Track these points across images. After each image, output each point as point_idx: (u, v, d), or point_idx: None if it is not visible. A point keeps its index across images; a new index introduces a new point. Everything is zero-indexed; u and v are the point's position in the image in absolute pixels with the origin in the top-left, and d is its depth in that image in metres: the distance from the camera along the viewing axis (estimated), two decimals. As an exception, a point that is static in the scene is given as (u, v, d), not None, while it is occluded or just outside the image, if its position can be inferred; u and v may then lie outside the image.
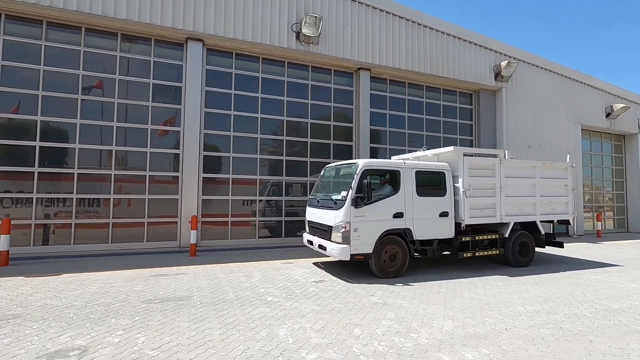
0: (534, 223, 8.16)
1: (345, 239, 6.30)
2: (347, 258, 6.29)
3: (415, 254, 6.90)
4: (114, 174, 9.15)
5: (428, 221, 7.01)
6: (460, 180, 7.28)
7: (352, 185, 6.40)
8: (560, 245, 8.50)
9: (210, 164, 10.16)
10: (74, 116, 8.87)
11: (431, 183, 7.32)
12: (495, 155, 8.04)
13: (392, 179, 6.94)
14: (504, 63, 13.41)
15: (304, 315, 4.45)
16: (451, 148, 7.53)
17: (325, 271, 7.06)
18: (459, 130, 13.93)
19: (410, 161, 7.56)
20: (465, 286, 6.10)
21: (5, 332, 3.82)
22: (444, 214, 7.15)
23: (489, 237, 7.72)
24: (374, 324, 4.18)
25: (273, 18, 10.28)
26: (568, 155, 9.13)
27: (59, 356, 3.29)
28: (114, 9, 8.72)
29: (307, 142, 11.38)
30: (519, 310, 4.80)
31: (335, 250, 6.38)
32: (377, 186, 7.03)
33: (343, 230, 6.33)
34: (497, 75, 13.69)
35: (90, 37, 9.13)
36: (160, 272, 6.74)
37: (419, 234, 6.88)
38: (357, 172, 6.55)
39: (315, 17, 9.98)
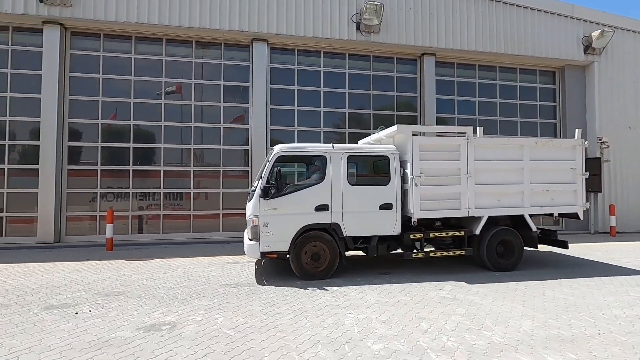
0: (521, 217, 6.54)
1: (255, 235, 5.67)
2: (257, 256, 5.74)
3: (357, 252, 6.12)
4: (193, 170, 10.08)
5: (364, 215, 6.01)
6: (409, 165, 6.12)
7: (263, 175, 5.78)
8: (563, 245, 6.76)
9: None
10: (159, 119, 9.94)
11: (371, 170, 6.66)
12: (463, 133, 6.43)
13: (318, 166, 6.08)
14: (596, 33, 11.69)
15: (369, 306, 4.48)
16: (395, 127, 6.44)
17: (393, 264, 6.97)
18: (540, 113, 12.55)
19: (340, 144, 6.40)
20: (548, 285, 5.55)
21: (112, 306, 4.49)
22: (386, 206, 6.05)
23: (451, 234, 6.37)
24: (442, 319, 4.04)
25: (333, 11, 10.30)
26: (577, 130, 7.06)
27: (153, 329, 3.77)
28: (189, 19, 9.51)
29: (370, 133, 11.23)
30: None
31: (245, 248, 5.81)
32: (309, 174, 6.38)
33: (252, 225, 5.71)
34: (587, 47, 11.99)
35: (170, 47, 10.10)
36: (234, 260, 7.29)
37: (350, 230, 5.93)
38: (269, 159, 5.92)
39: (376, 4, 9.75)
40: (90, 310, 4.33)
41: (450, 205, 6.28)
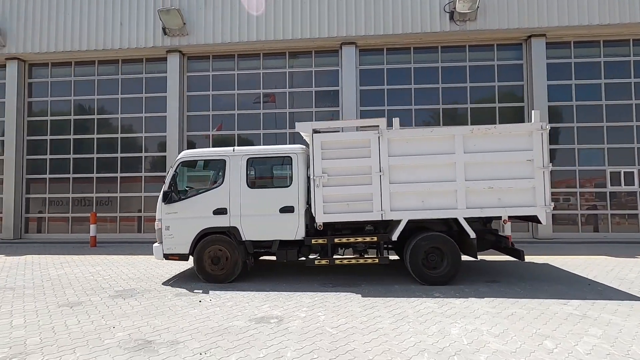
0: (456, 221, 5.49)
1: (159, 237, 5.85)
2: (161, 258, 5.84)
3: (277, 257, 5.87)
4: (289, 174, 10.71)
5: (263, 218, 5.77)
6: (311, 165, 5.62)
7: (165, 180, 5.88)
8: (518, 255, 5.65)
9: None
10: (258, 127, 10.82)
11: (273, 171, 6.35)
12: (375, 126, 5.61)
13: (219, 170, 6.02)
14: None
15: (477, 316, 4.12)
16: (301, 124, 5.94)
17: (500, 272, 6.33)
18: (697, 91, 10.01)
19: (242, 147, 6.20)
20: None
21: (227, 297, 5.02)
22: (286, 209, 5.73)
23: (360, 240, 5.70)
24: (572, 339, 3.49)
25: (423, 4, 9.87)
26: (534, 112, 5.66)
27: (263, 321, 4.09)
28: (283, 32, 10.18)
29: (467, 129, 10.42)
30: None
31: (154, 250, 5.92)
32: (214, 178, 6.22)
33: (157, 228, 5.87)
34: None
35: (266, 60, 10.94)
36: (329, 260, 7.48)
37: (249, 234, 5.76)
38: (172, 165, 6.03)
39: (472, -10, 9.02)
40: (210, 300, 4.91)
41: (362, 208, 5.60)
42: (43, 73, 11.60)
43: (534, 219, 5.60)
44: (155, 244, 6.03)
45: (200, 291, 5.34)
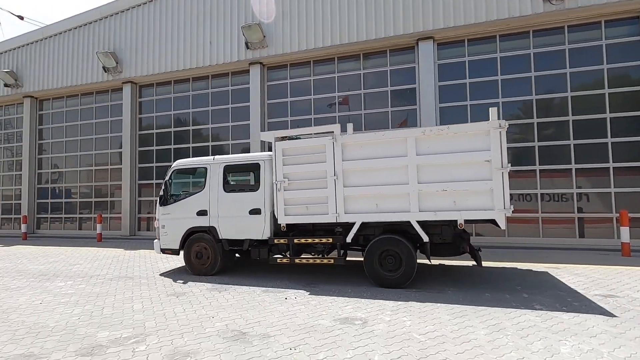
0: (409, 224, 5.46)
1: (157, 235, 6.97)
2: (159, 252, 6.95)
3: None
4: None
5: (235, 219, 6.43)
6: (274, 170, 6.13)
7: (163, 185, 6.88)
8: (477, 259, 5.57)
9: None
10: (334, 131, 10.98)
11: (245, 177, 6.82)
12: (330, 132, 5.90)
13: (202, 176, 6.79)
14: None
15: (593, 335, 3.58)
16: (264, 133, 6.56)
17: (613, 284, 5.42)
18: None
19: (222, 156, 6.92)
20: None
21: (311, 296, 5.17)
22: (255, 211, 6.32)
23: (317, 240, 5.97)
24: None
25: (510, -14, 9.00)
26: (492, 110, 5.30)
27: (347, 322, 4.12)
28: (357, 34, 10.22)
29: (568, 120, 9.18)
30: None
31: (154, 245, 7.05)
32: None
33: (155, 227, 7.00)
34: None
35: (341, 64, 11.07)
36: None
37: (225, 233, 6.49)
38: (167, 172, 6.99)
39: (571, -38, 7.96)
40: (295, 298, 5.11)
41: (319, 210, 5.88)
42: (149, 92, 13.42)
43: (494, 223, 5.28)
44: (155, 240, 7.08)
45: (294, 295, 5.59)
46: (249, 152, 11.51)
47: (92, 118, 14.33)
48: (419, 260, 5.69)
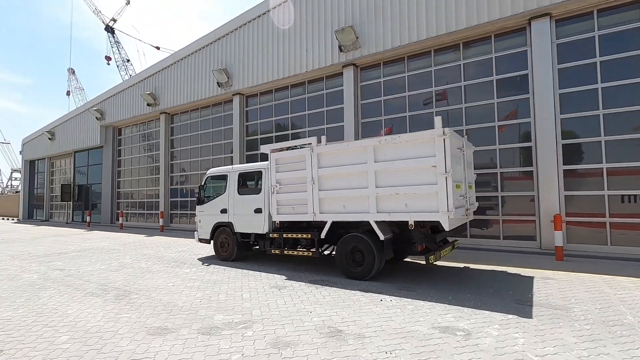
0: (364, 223, 6.18)
1: (197, 228, 8.89)
2: (197, 241, 8.97)
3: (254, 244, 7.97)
4: (467, 174, 9.81)
5: (245, 216, 7.91)
6: (270, 176, 7.27)
7: (198, 188, 9.02)
8: (427, 257, 5.70)
9: (571, 154, 8.54)
10: (430, 127, 10.39)
11: (251, 182, 8.18)
12: (309, 144, 6.80)
13: (225, 182, 8.44)
14: None
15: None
16: (264, 146, 7.61)
17: None
18: None
19: (239, 165, 9.21)
20: None
21: (407, 300, 4.99)
22: (258, 210, 7.68)
23: (299, 236, 7.03)
24: None
25: None
26: (437, 118, 5.48)
27: (448, 332, 3.85)
28: (455, 22, 9.47)
29: None
30: None
31: (194, 235, 9.01)
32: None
33: (195, 221, 8.95)
34: None
35: (437, 56, 10.43)
36: (522, 273, 6.40)
37: (238, 228, 8.05)
38: (202, 178, 9.08)
39: None
40: (390, 300, 5.01)
41: (301, 210, 6.81)
42: (254, 102, 14.78)
43: (438, 225, 5.58)
44: (195, 232, 9.04)
45: (386, 297, 5.52)
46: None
47: (209, 128, 16.48)
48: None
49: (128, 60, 58.18)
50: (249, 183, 8.35)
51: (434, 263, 6.13)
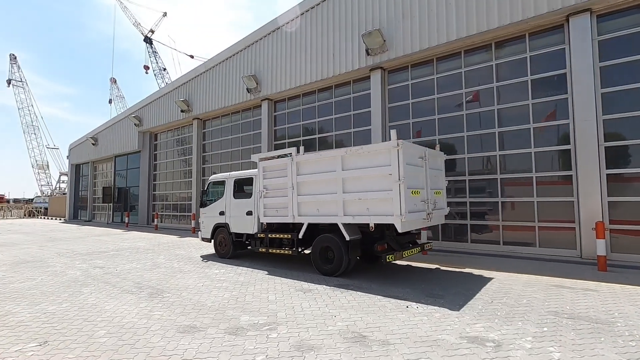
0: (337, 225, 6.81)
1: (200, 228, 10.03)
2: (200, 240, 10.14)
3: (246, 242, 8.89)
4: (500, 178, 9.43)
5: (239, 218, 8.88)
6: (258, 182, 8.17)
7: (201, 193, 10.40)
8: (384, 257, 6.27)
9: (615, 157, 8.00)
10: (461, 130, 10.12)
11: (245, 188, 8.99)
12: (290, 154, 7.65)
13: (224, 187, 9.49)
14: None
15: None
16: (254, 155, 8.59)
17: None
18: None
19: (236, 172, 9.83)
20: None
21: (435, 307, 4.86)
22: (249, 213, 8.65)
23: (281, 236, 7.88)
24: None
25: None
26: (392, 131, 6.29)
27: (477, 342, 3.71)
28: (487, 22, 9.18)
29: None
30: None
31: (199, 235, 10.12)
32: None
33: (199, 222, 10.16)
34: None
35: (468, 57, 10.14)
36: (561, 283, 6.05)
37: (233, 228, 9.04)
38: (205, 184, 10.44)
39: None
40: (417, 307, 4.90)
41: (283, 213, 7.67)
42: (282, 107, 15.02)
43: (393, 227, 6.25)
44: (199, 232, 10.11)
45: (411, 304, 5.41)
46: (370, 156, 11.67)
47: (238, 132, 16.92)
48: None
49: (164, 69, 60.99)
50: (244, 188, 9.18)
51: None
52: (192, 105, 18.37)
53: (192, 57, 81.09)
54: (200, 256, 9.52)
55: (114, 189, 25.38)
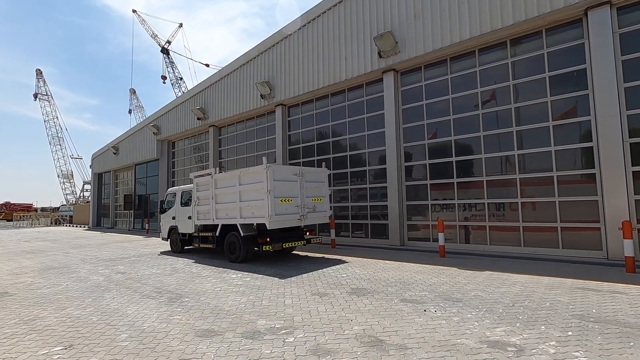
0: (237, 226, 9.26)
1: (160, 229, 12.99)
2: (161, 239, 12.89)
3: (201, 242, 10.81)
4: (519, 178, 9.20)
5: (184, 221, 11.47)
6: (194, 194, 10.87)
7: (160, 202, 13.46)
8: (260, 247, 8.68)
9: (642, 154, 7.68)
10: (477, 130, 9.94)
11: (188, 198, 11.51)
12: (210, 173, 10.26)
13: (176, 197, 12.20)
14: None
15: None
16: (192, 174, 11.26)
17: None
18: None
19: (183, 186, 12.59)
20: None
21: (453, 311, 4.77)
22: (189, 217, 11.13)
23: (208, 234, 10.22)
24: None
25: None
26: (264, 158, 9.01)
27: (498, 347, 3.61)
28: (501, 19, 9.03)
29: None
30: None
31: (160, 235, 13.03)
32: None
33: (160, 226, 13.04)
34: None
35: (482, 56, 9.98)
36: (586, 286, 5.83)
37: (180, 229, 11.65)
38: (164, 194, 13.60)
39: None
40: (435, 311, 4.81)
41: (208, 217, 10.15)
42: (296, 111, 15.13)
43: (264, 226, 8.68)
44: (159, 233, 12.98)
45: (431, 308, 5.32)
46: (385, 159, 11.60)
47: (253, 138, 17.13)
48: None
49: (181, 79, 62.40)
50: (187, 198, 11.60)
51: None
52: (208, 112, 18.72)
53: (207, 65, 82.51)
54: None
55: (134, 196, 26.06)
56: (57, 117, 58.94)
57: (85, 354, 3.81)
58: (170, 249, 12.26)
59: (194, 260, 9.92)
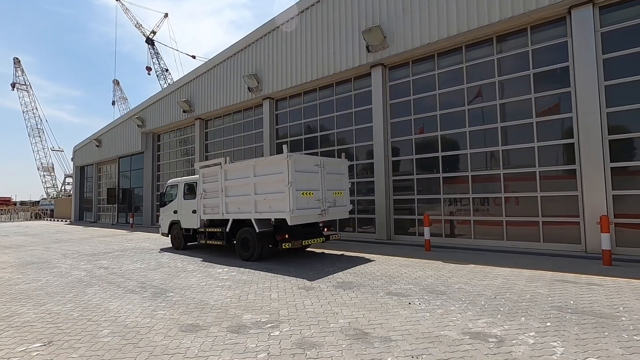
0: (251, 221, 8.40)
1: (160, 224, 11.91)
2: (161, 235, 11.92)
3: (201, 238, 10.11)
4: (503, 173, 9.37)
5: (187, 215, 10.55)
6: (200, 186, 9.88)
7: (160, 195, 12.04)
8: (280, 244, 7.86)
9: (620, 150, 7.91)
10: (463, 126, 10.06)
11: (192, 190, 10.60)
12: (220, 163, 9.26)
13: (178, 190, 11.17)
14: None
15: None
16: (196, 164, 10.36)
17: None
18: None
19: (186, 177, 11.60)
20: None
21: (437, 304, 4.85)
22: (194, 211, 10.25)
23: (214, 230, 9.46)
24: None
25: None
26: (284, 147, 8.23)
27: (479, 338, 3.69)
28: (488, 16, 9.12)
29: None
30: None
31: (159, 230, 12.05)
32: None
33: (159, 220, 12.01)
34: None
35: (469, 52, 10.07)
36: (565, 278, 6.01)
37: (183, 224, 10.70)
38: (164, 187, 12.36)
39: None
40: (419, 304, 4.88)
41: (217, 211, 9.24)
42: (284, 105, 15.02)
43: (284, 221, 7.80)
44: (159, 228, 11.97)
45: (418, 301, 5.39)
46: (372, 154, 11.65)
47: (240, 132, 16.94)
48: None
49: (167, 70, 61.13)
50: (191, 191, 10.71)
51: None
52: (194, 105, 18.41)
53: (194, 57, 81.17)
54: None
55: (118, 190, 25.54)
56: (36, 109, 57.18)
57: (65, 350, 3.73)
58: (171, 246, 11.32)
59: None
